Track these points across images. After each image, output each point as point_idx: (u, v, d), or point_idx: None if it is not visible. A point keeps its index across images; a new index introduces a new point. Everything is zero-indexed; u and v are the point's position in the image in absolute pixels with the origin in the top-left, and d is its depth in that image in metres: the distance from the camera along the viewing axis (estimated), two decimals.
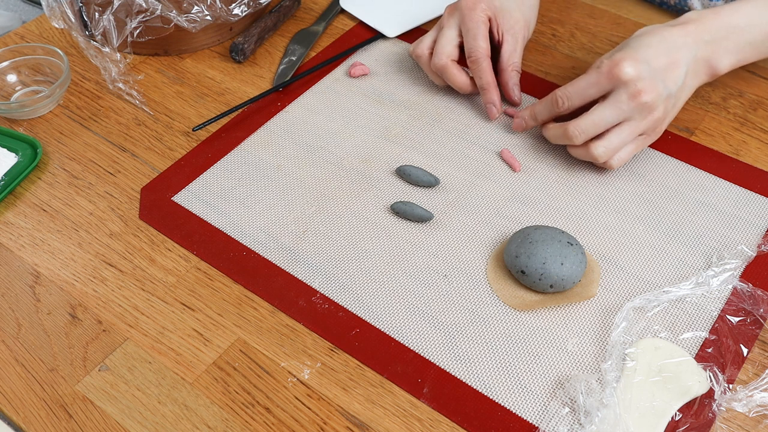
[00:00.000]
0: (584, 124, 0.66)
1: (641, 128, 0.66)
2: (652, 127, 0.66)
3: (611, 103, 0.64)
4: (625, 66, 0.63)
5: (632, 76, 0.63)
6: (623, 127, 0.66)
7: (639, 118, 0.65)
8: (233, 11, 0.83)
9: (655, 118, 0.65)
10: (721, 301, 0.61)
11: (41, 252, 0.68)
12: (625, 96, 0.64)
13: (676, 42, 0.66)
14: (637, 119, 0.65)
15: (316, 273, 0.65)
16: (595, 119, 0.65)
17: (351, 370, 0.59)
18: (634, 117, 0.65)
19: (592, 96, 0.66)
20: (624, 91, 0.64)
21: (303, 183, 0.72)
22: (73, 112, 0.80)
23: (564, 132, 0.67)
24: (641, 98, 0.63)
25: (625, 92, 0.64)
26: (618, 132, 0.66)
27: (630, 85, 0.63)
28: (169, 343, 0.61)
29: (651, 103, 0.64)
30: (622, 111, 0.64)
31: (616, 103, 0.64)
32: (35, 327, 0.62)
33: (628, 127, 0.66)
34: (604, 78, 0.64)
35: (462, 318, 0.61)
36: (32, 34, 0.90)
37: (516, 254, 0.62)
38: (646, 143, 0.68)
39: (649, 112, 0.65)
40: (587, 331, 0.60)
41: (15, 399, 0.58)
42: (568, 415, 0.55)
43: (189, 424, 0.56)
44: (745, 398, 0.55)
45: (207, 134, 0.77)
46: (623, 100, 0.64)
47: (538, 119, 0.71)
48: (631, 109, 0.64)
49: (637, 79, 0.63)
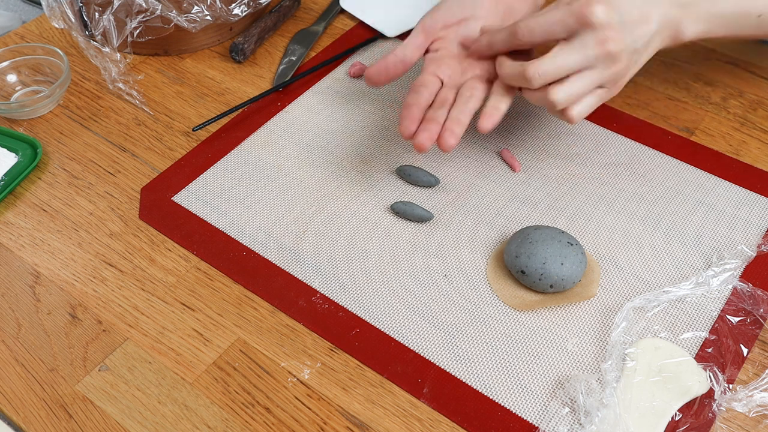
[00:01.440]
0: (545, 66, 0.60)
1: (602, 79, 0.61)
2: (612, 80, 0.62)
3: (577, 46, 0.60)
4: (597, 9, 0.58)
5: (603, 21, 0.59)
6: (584, 74, 0.61)
7: (602, 67, 0.60)
8: (233, 11, 0.83)
9: (616, 71, 0.61)
10: (721, 301, 0.61)
11: (41, 252, 0.68)
12: (592, 41, 0.59)
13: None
14: (600, 68, 0.60)
15: (316, 273, 0.65)
16: (557, 62, 0.60)
17: (351, 370, 0.59)
18: (596, 65, 0.60)
19: (555, 34, 0.61)
20: (591, 35, 0.59)
21: (303, 183, 0.72)
22: (73, 112, 0.80)
23: (522, 72, 0.61)
24: (607, 46, 0.59)
25: (593, 37, 0.59)
26: (579, 78, 0.61)
27: (598, 31, 0.59)
28: (169, 343, 0.61)
29: (616, 54, 0.59)
30: (587, 57, 0.60)
31: (582, 48, 0.59)
32: (35, 327, 0.62)
33: (589, 75, 0.61)
34: (572, 17, 0.59)
35: (462, 318, 0.61)
36: (32, 34, 0.90)
37: (516, 254, 0.62)
38: (604, 98, 0.63)
39: (613, 63, 0.60)
40: (587, 331, 0.60)
41: (15, 399, 0.58)
42: (568, 415, 0.55)
43: (189, 424, 0.56)
44: (745, 398, 0.55)
45: (207, 134, 0.77)
46: (589, 45, 0.59)
47: (492, 48, 0.66)
48: (595, 56, 0.59)
49: (607, 25, 0.59)
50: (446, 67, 0.67)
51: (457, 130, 0.63)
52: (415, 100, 0.65)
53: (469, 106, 0.64)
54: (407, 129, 0.63)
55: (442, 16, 0.69)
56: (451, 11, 0.69)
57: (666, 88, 0.80)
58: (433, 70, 0.67)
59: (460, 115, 0.64)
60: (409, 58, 0.68)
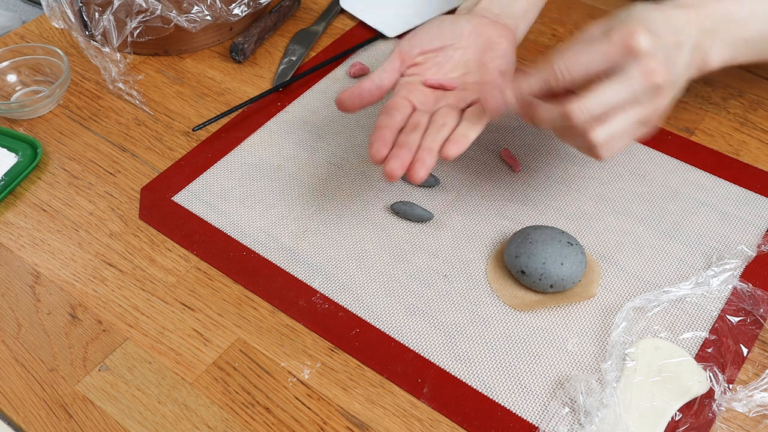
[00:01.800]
0: (590, 104, 0.54)
1: (644, 114, 0.56)
2: (651, 117, 0.56)
3: (623, 78, 0.54)
4: (642, 37, 0.53)
5: (649, 50, 0.53)
6: (628, 110, 0.55)
7: (647, 102, 0.55)
8: (233, 11, 0.83)
9: (658, 105, 0.56)
10: (721, 301, 0.61)
11: (41, 252, 0.68)
12: (638, 73, 0.53)
13: (679, 22, 0.56)
14: (645, 103, 0.55)
15: (316, 273, 0.65)
16: (604, 99, 0.54)
17: (351, 370, 0.59)
18: (641, 100, 0.54)
19: (598, 69, 0.55)
20: (637, 67, 0.53)
21: (303, 183, 0.72)
22: (73, 112, 0.80)
23: (564, 113, 0.55)
24: (654, 78, 0.53)
25: (638, 68, 0.53)
26: (623, 115, 0.55)
27: (643, 61, 0.53)
28: (169, 343, 0.61)
29: (661, 86, 0.54)
30: (633, 91, 0.54)
31: (627, 81, 0.54)
32: (35, 327, 0.62)
33: (632, 112, 0.55)
34: (615, 48, 0.54)
35: (462, 318, 0.61)
36: (32, 34, 0.90)
37: (516, 254, 0.62)
38: (640, 135, 0.58)
39: (657, 96, 0.55)
40: (587, 331, 0.60)
41: (15, 399, 0.58)
42: (568, 415, 0.55)
43: (189, 424, 0.56)
44: (745, 398, 0.55)
45: (207, 134, 0.77)
46: (635, 78, 0.53)
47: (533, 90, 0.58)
48: (642, 90, 0.54)
49: (653, 54, 0.53)
50: (419, 93, 0.65)
51: (428, 161, 0.60)
52: (387, 122, 0.62)
53: (441, 135, 0.62)
54: (378, 152, 0.60)
55: (420, 41, 0.67)
56: (430, 37, 0.67)
57: None
58: (405, 95, 0.65)
59: (432, 143, 0.61)
60: (385, 84, 0.65)
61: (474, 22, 0.67)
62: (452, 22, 0.68)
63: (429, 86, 0.66)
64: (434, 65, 0.67)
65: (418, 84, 0.66)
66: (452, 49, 0.67)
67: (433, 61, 0.67)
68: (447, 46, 0.67)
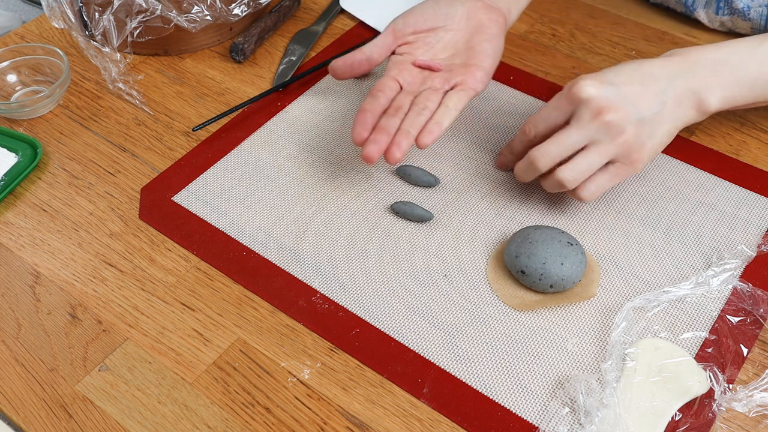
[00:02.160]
0: (548, 146, 0.62)
1: (610, 153, 0.61)
2: (624, 154, 0.61)
3: (574, 122, 0.61)
4: (584, 85, 0.60)
5: (592, 95, 0.60)
6: (590, 150, 0.61)
7: (606, 140, 0.60)
8: (233, 11, 0.83)
9: (624, 141, 0.60)
10: (721, 301, 0.61)
11: (41, 252, 0.68)
12: (587, 114, 0.60)
13: (653, 71, 0.62)
14: (605, 141, 0.60)
15: (316, 273, 0.65)
16: (559, 139, 0.61)
17: (351, 370, 0.59)
18: (600, 139, 0.60)
19: (556, 119, 0.63)
20: (585, 109, 0.60)
21: (303, 183, 0.72)
22: (73, 112, 0.80)
23: (529, 159, 0.63)
24: (604, 116, 0.60)
25: (587, 111, 0.60)
26: (585, 155, 0.61)
27: (591, 103, 0.60)
28: (169, 343, 0.61)
29: (616, 123, 0.60)
30: (587, 130, 0.60)
31: (579, 122, 0.60)
32: (35, 327, 0.62)
33: (595, 150, 0.61)
34: (564, 100, 0.62)
35: (462, 318, 0.61)
36: (32, 34, 0.90)
37: (516, 254, 0.62)
38: (621, 174, 0.62)
39: (617, 134, 0.60)
40: (587, 331, 0.60)
41: (15, 399, 0.58)
42: (568, 415, 0.55)
43: (189, 424, 0.56)
44: (745, 398, 0.55)
45: (207, 134, 0.77)
46: (585, 118, 0.60)
47: (514, 152, 0.69)
48: (595, 129, 0.60)
49: (599, 97, 0.60)
50: (407, 74, 0.69)
51: (404, 144, 0.63)
52: (371, 105, 0.66)
53: (420, 119, 0.65)
54: (359, 135, 0.64)
55: (414, 21, 0.71)
56: (423, 18, 0.71)
57: None
58: (394, 75, 0.68)
59: (410, 128, 0.64)
60: (375, 57, 0.70)
61: (468, 5, 0.71)
62: (447, 4, 0.71)
63: (417, 66, 0.69)
64: (425, 45, 0.71)
65: (408, 64, 0.70)
66: (443, 30, 0.71)
67: (425, 41, 0.71)
68: (439, 28, 0.71)
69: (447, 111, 0.66)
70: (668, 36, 0.86)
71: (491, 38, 0.70)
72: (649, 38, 0.86)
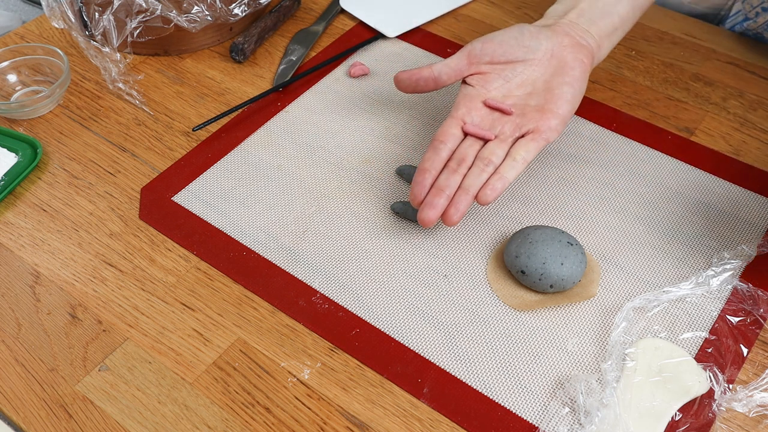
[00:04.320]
0: None
1: None
2: None
3: None
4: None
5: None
6: None
7: None
8: (233, 11, 0.83)
9: None
10: (721, 301, 0.61)
11: (41, 252, 0.68)
12: None
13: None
14: None
15: (316, 273, 0.65)
16: None
17: (351, 370, 0.59)
18: None
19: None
20: None
21: (303, 183, 0.72)
22: (73, 112, 0.80)
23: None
24: None
25: None
26: None
27: None
28: (169, 343, 0.61)
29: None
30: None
31: None
32: (35, 327, 0.62)
33: None
34: None
35: (462, 318, 0.61)
36: (32, 34, 0.90)
37: (516, 254, 0.62)
38: None
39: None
40: (587, 331, 0.60)
41: (15, 399, 0.58)
42: (568, 415, 0.55)
43: (189, 424, 0.56)
44: (745, 398, 0.55)
45: (207, 134, 0.77)
46: None
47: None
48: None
49: None
50: (476, 114, 0.65)
51: (462, 206, 0.60)
52: (431, 163, 0.62)
53: (484, 176, 0.61)
54: (416, 198, 0.62)
55: (493, 50, 0.66)
56: (503, 48, 0.66)
57: (666, 88, 0.80)
58: (462, 115, 0.65)
59: (470, 187, 0.61)
60: (444, 79, 0.66)
61: (554, 41, 0.66)
62: (532, 36, 0.66)
63: (488, 107, 0.65)
64: (500, 78, 0.66)
65: (479, 101, 0.65)
66: (522, 65, 0.66)
67: (500, 74, 0.66)
68: (518, 62, 0.66)
69: (514, 164, 0.61)
70: (668, 36, 0.86)
71: (573, 81, 0.65)
72: (649, 38, 0.86)
